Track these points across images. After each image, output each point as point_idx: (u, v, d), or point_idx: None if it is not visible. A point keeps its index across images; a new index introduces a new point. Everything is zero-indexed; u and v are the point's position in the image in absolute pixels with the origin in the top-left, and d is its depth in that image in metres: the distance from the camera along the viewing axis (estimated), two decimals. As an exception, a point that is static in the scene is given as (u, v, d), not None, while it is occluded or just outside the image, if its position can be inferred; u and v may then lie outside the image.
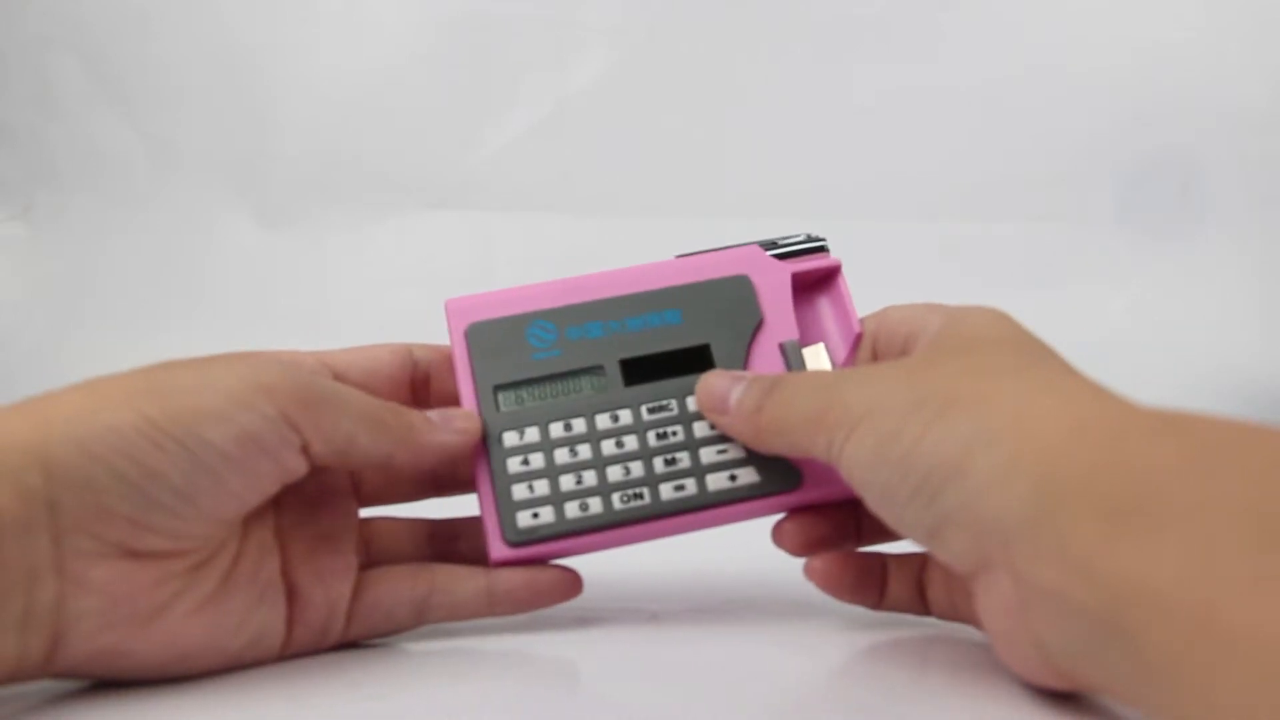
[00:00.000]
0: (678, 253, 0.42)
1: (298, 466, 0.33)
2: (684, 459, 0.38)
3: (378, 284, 1.02)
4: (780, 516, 0.39)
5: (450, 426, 0.38)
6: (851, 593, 0.38)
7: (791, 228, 0.43)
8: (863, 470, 0.31)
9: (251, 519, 0.35)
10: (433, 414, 0.38)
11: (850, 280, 0.43)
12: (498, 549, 0.38)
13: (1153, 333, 0.98)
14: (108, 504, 0.29)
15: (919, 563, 0.38)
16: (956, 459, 0.28)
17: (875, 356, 0.40)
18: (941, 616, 0.38)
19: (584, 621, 0.40)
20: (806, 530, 0.38)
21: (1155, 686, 0.23)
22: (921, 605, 0.38)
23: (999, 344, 0.34)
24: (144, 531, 0.30)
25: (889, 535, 0.39)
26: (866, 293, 0.45)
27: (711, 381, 0.38)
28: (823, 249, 0.42)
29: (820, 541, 0.38)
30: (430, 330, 0.43)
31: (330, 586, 0.37)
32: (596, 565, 0.39)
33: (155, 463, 0.30)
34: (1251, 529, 0.22)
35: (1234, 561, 0.22)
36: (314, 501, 0.37)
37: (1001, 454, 0.27)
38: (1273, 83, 1.01)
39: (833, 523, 0.39)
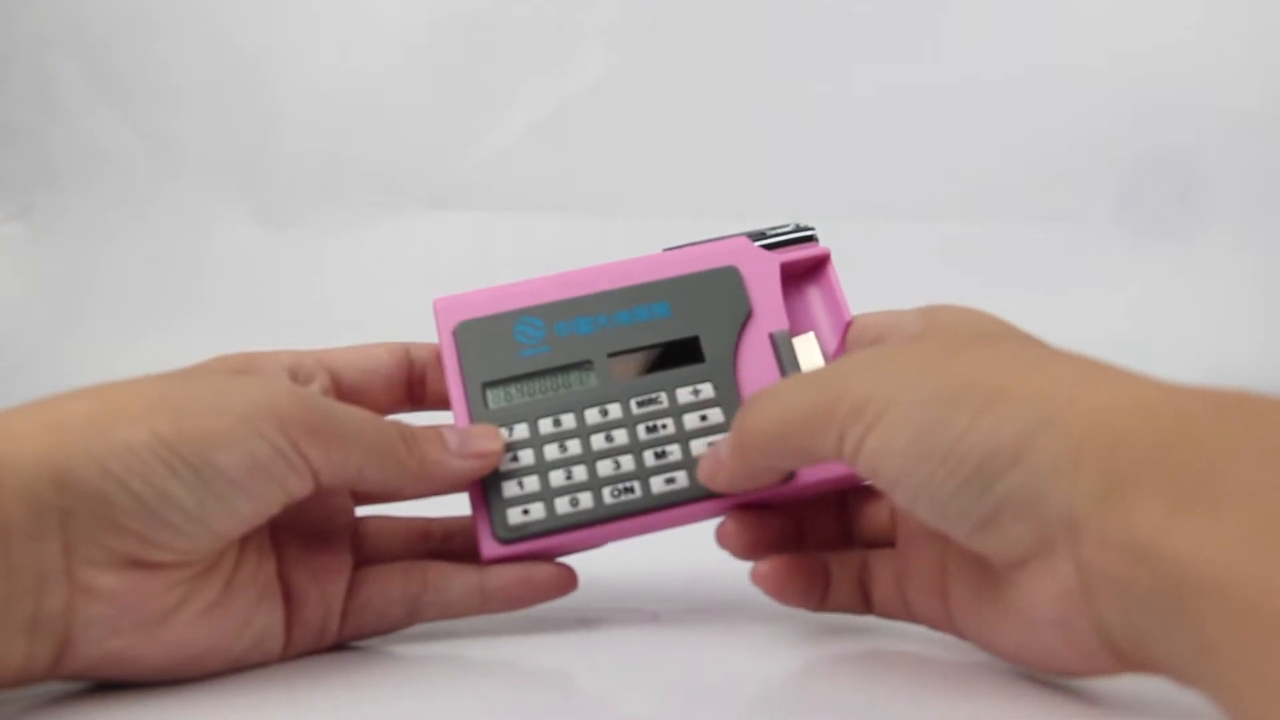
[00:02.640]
0: (665, 246, 0.42)
1: (304, 491, 0.33)
2: (674, 452, 0.38)
3: (377, 284, 1.02)
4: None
5: (468, 450, 0.37)
6: (798, 596, 0.37)
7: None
8: (894, 464, 0.29)
9: None
10: (451, 436, 0.37)
11: (849, 281, 0.42)
12: (489, 547, 0.38)
13: (1153, 333, 0.98)
14: (120, 520, 0.29)
15: (859, 562, 0.38)
16: (1015, 446, 0.27)
17: None
18: (887, 616, 0.38)
19: (584, 623, 0.40)
20: (753, 530, 0.38)
21: (1211, 666, 0.23)
22: (862, 605, 0.38)
23: (1008, 335, 0.34)
24: (152, 546, 0.30)
25: (835, 541, 0.39)
26: (866, 293, 0.44)
27: (706, 455, 0.37)
28: (811, 238, 0.42)
29: (764, 544, 0.38)
30: (430, 330, 0.43)
31: (325, 586, 0.37)
32: (597, 565, 0.39)
33: (168, 486, 0.30)
34: None
35: None
36: (310, 502, 0.37)
37: (1065, 438, 0.26)
38: (1273, 83, 1.01)
39: (776, 524, 0.38)
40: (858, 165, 1.04)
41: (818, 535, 0.39)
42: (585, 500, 0.38)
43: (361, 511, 0.41)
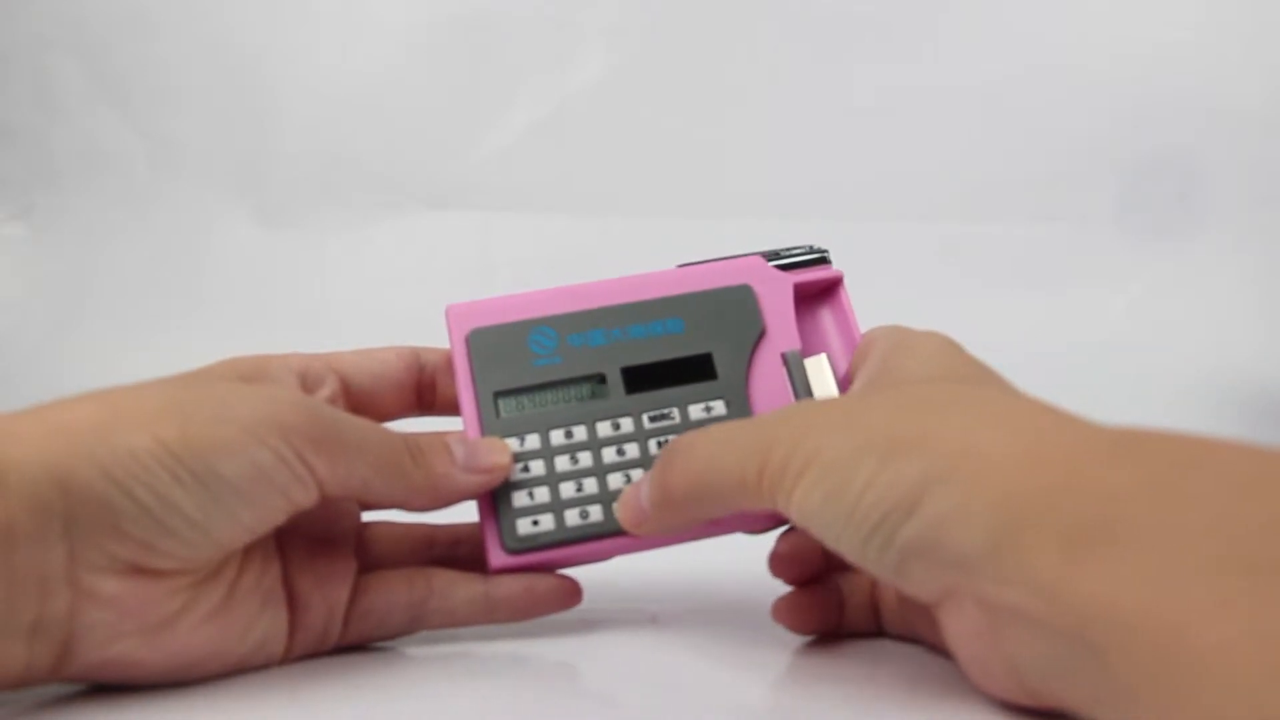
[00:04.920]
0: (678, 260, 0.42)
1: (308, 501, 0.33)
2: (685, 467, 0.38)
3: (378, 284, 1.02)
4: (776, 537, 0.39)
5: (476, 464, 0.37)
6: (817, 625, 0.38)
7: (791, 228, 0.43)
8: (815, 521, 0.30)
9: None
10: (458, 449, 0.37)
11: (850, 281, 0.43)
12: (497, 556, 0.38)
13: (1152, 333, 0.98)
14: (123, 526, 0.29)
15: (870, 583, 0.38)
16: (910, 499, 0.28)
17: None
18: (895, 635, 0.38)
19: (585, 624, 0.40)
20: (801, 564, 0.38)
21: (1126, 705, 0.23)
22: (875, 624, 0.38)
23: (937, 376, 0.35)
24: (155, 553, 0.30)
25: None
26: (867, 293, 0.45)
27: (622, 499, 0.37)
28: (825, 260, 0.43)
29: (811, 570, 0.38)
30: (430, 330, 0.43)
31: (329, 591, 0.36)
32: (597, 565, 0.39)
33: (172, 494, 0.30)
34: (1213, 551, 0.23)
35: (1198, 584, 0.22)
36: (316, 508, 0.37)
37: (956, 488, 0.27)
38: (1273, 83, 1.01)
39: (818, 549, 0.38)
40: (858, 165, 1.04)
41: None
42: (595, 513, 0.38)
43: (367, 517, 0.41)
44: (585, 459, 0.38)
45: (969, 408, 0.31)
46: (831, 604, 0.38)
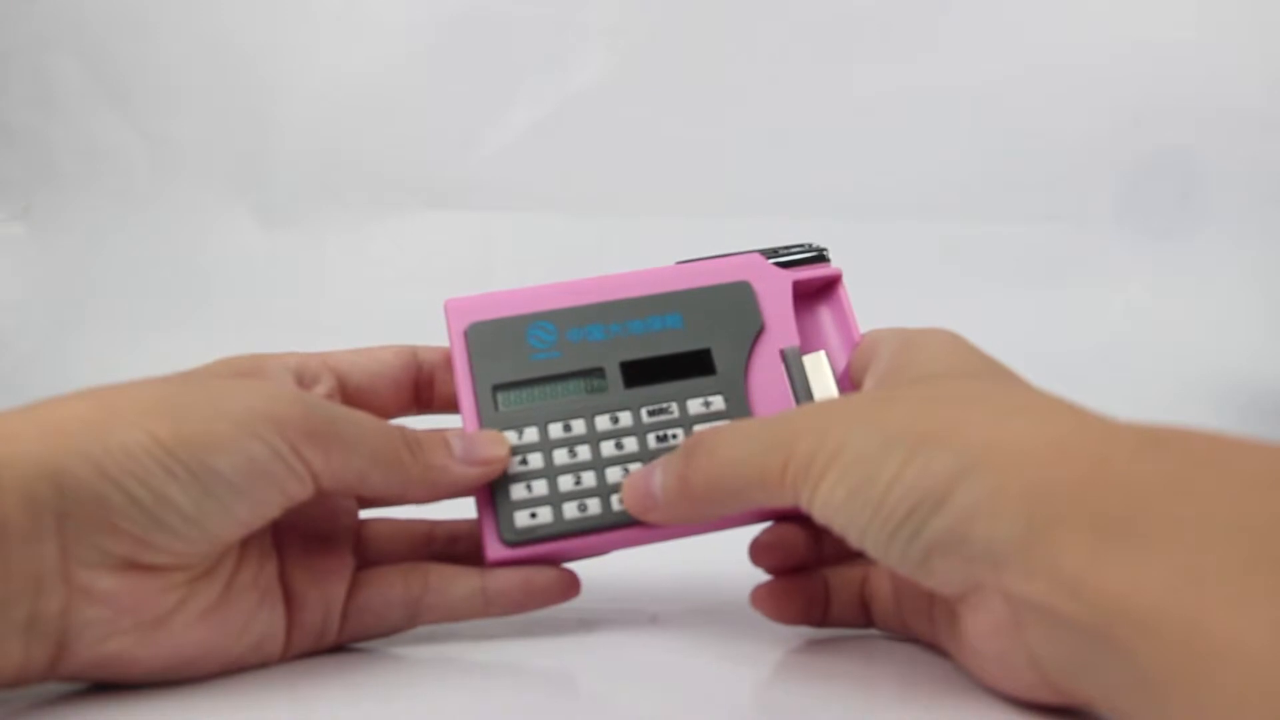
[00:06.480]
0: (677, 258, 0.42)
1: (303, 495, 0.33)
2: (684, 462, 0.38)
3: (378, 284, 1.02)
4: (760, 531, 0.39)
5: (474, 456, 0.37)
6: (797, 617, 0.38)
7: (791, 228, 0.43)
8: (840, 516, 0.30)
9: None
10: (456, 442, 0.37)
11: (850, 280, 0.43)
12: (494, 549, 0.38)
13: (1152, 333, 0.98)
14: (117, 522, 0.29)
15: (860, 578, 0.38)
16: (939, 491, 0.28)
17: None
18: (886, 631, 0.38)
19: (584, 624, 0.40)
20: (782, 552, 0.38)
21: (1147, 701, 0.23)
22: (864, 619, 0.38)
23: (954, 372, 0.35)
24: (149, 549, 0.30)
25: (847, 555, 0.39)
26: (867, 293, 0.45)
27: (629, 483, 0.37)
28: (823, 258, 0.43)
29: (793, 561, 0.38)
30: (430, 330, 0.43)
31: (326, 588, 0.37)
32: (596, 564, 0.39)
33: (166, 488, 0.30)
34: (1236, 547, 0.23)
35: (1219, 580, 0.22)
36: (313, 504, 0.37)
37: (985, 480, 0.27)
38: (1273, 83, 1.01)
39: (801, 542, 0.38)
40: (858, 165, 1.03)
41: (833, 548, 0.39)
42: (593, 506, 0.38)
43: (365, 514, 0.41)
44: (584, 452, 0.38)
45: (992, 401, 0.31)
46: (814, 595, 0.38)
